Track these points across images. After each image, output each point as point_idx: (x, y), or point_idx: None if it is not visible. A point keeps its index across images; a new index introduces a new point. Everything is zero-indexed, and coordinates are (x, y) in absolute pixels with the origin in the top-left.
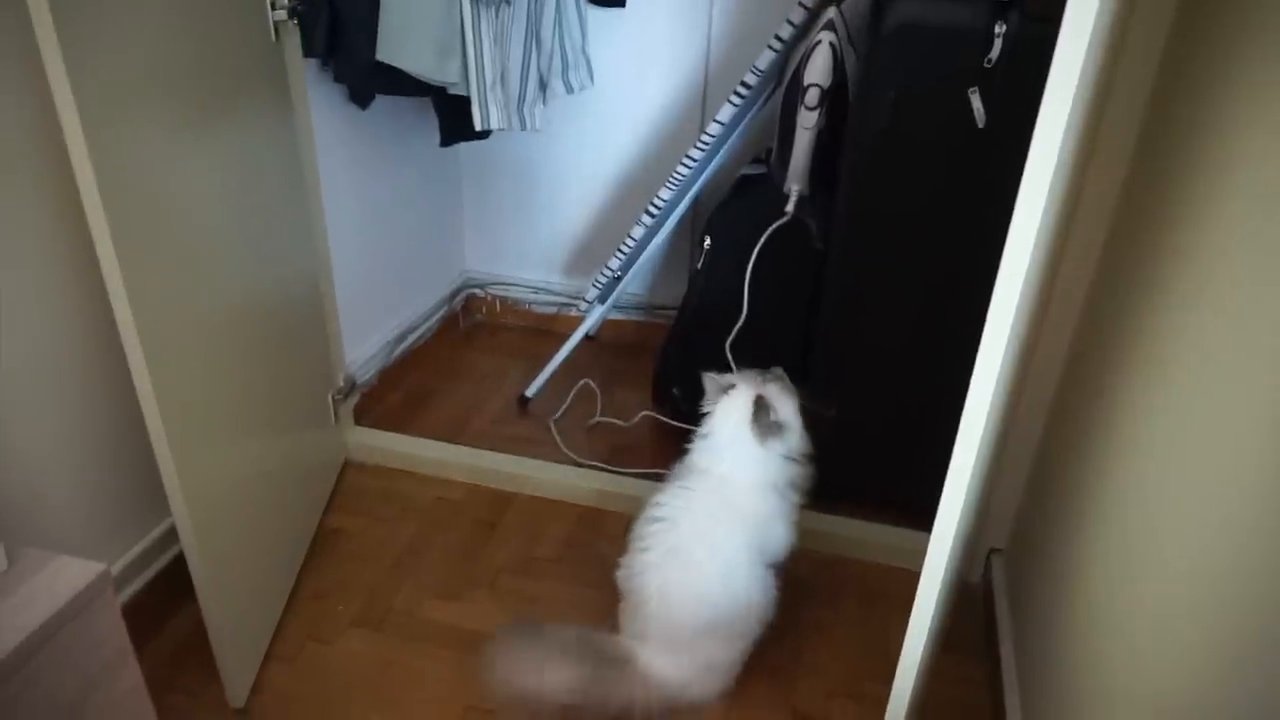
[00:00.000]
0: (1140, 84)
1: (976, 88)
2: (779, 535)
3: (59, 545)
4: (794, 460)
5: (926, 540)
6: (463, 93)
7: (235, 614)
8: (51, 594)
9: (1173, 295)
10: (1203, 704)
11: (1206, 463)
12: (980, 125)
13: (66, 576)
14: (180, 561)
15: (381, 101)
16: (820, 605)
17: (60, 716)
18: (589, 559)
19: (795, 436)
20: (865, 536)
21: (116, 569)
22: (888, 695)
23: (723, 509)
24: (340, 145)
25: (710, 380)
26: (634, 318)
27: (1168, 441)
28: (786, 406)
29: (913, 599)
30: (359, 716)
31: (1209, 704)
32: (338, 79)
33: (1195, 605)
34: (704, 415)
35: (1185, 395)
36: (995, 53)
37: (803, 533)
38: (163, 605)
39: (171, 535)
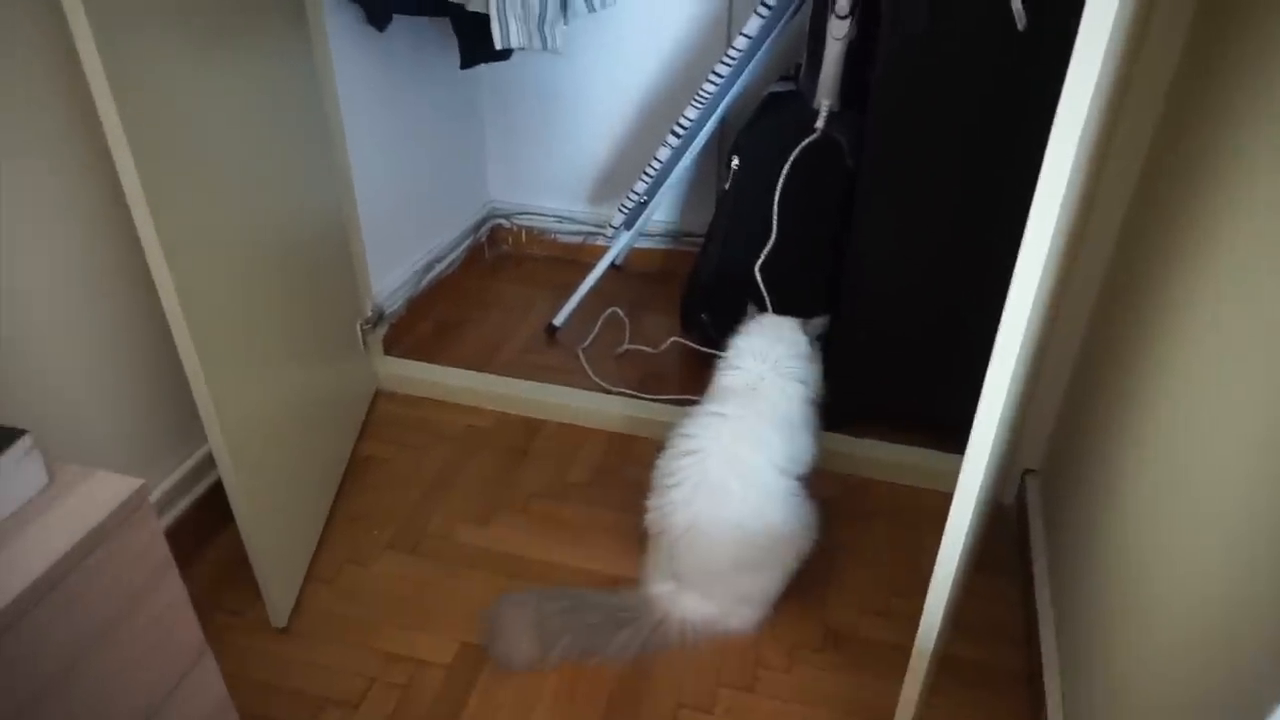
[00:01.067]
0: None
1: None
2: (806, 444)
3: (100, 467)
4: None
5: (958, 462)
6: (481, 10)
7: (274, 538)
8: (91, 508)
9: (1222, 203)
10: (1237, 606)
11: (1243, 379)
12: (1020, 28)
13: (105, 491)
14: (219, 487)
15: (400, 23)
16: (851, 527)
17: (104, 629)
18: (619, 483)
19: (817, 372)
20: (896, 459)
21: (156, 493)
22: (918, 611)
23: (751, 426)
24: (360, 70)
25: (751, 310)
26: (661, 245)
27: (1206, 359)
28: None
29: (944, 520)
30: (398, 634)
31: (1242, 607)
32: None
33: (1227, 515)
34: (738, 334)
35: (1228, 311)
36: None
37: (835, 456)
38: (203, 529)
39: (209, 461)
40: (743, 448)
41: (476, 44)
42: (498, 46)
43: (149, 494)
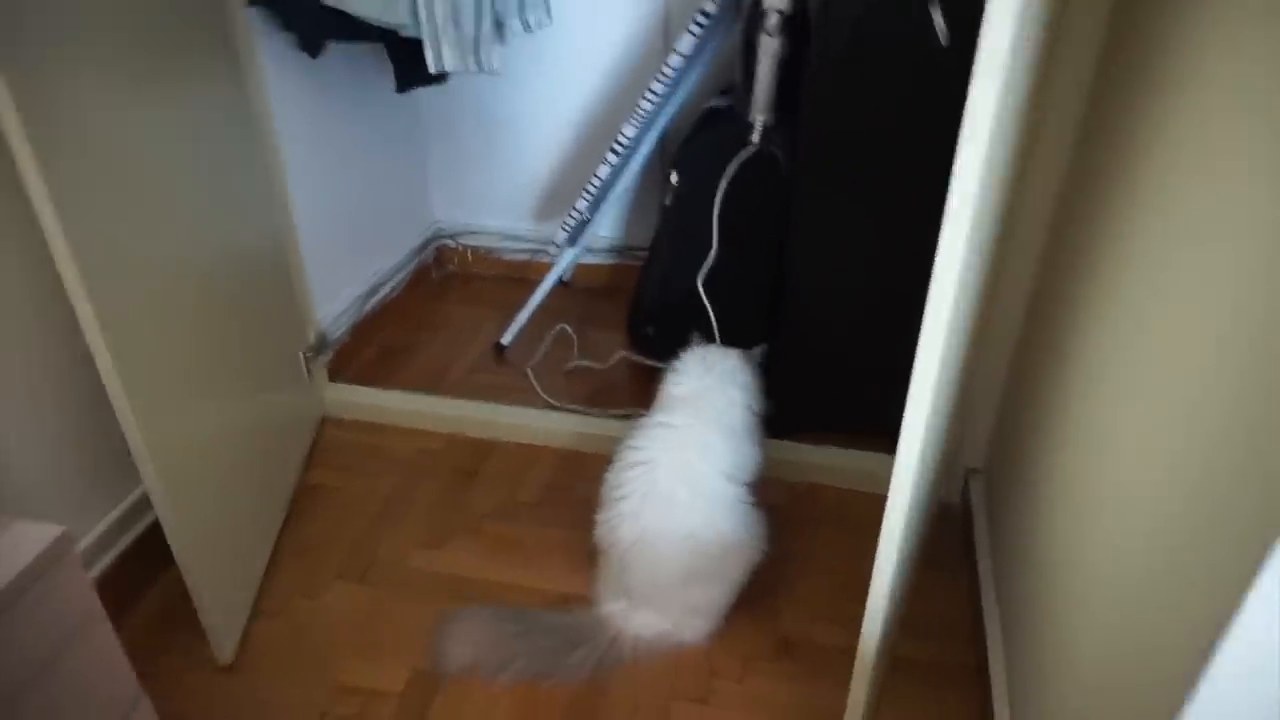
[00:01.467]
0: None
1: (939, 4)
2: (751, 452)
3: (26, 515)
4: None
5: None
6: (414, 34)
7: (216, 574)
8: (10, 559)
9: (1142, 203)
10: (1161, 596)
11: (1167, 378)
12: (943, 43)
13: (24, 541)
14: (154, 529)
15: (336, 51)
16: (799, 533)
17: (31, 680)
18: (571, 501)
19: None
20: (842, 463)
21: (91, 537)
22: None
23: (700, 439)
24: (296, 97)
25: (697, 338)
26: (607, 260)
27: (1133, 359)
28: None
29: None
30: (348, 665)
31: (1166, 596)
32: (286, 27)
33: (1152, 509)
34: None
35: (1155, 309)
36: None
37: (781, 464)
38: (145, 568)
39: (146, 501)
40: (690, 456)
41: (411, 68)
42: (432, 71)
43: (74, 541)
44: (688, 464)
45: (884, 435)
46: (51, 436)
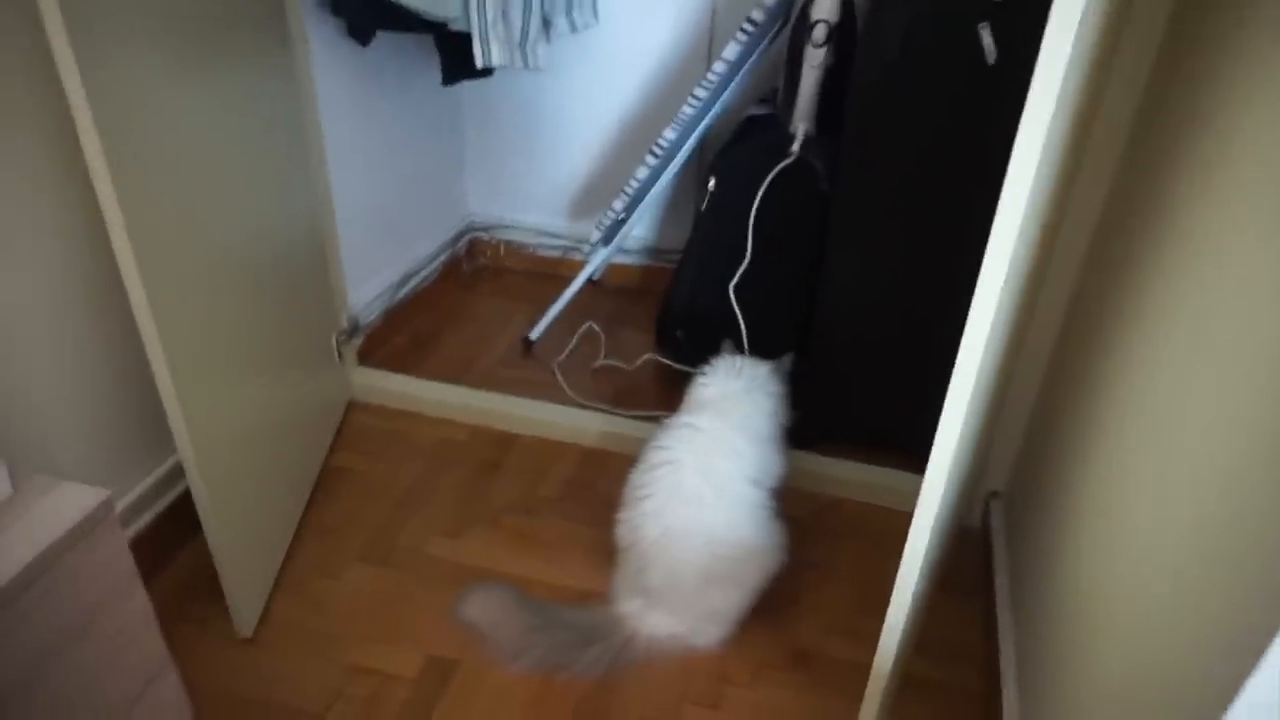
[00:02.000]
0: (1158, 14)
1: (988, 23)
2: (776, 458)
3: (67, 478)
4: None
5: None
6: (463, 29)
7: (241, 547)
8: (55, 519)
9: (1186, 231)
10: (1180, 628)
11: (1198, 409)
12: (990, 62)
13: (70, 502)
14: (188, 496)
15: (382, 39)
16: (820, 546)
17: (67, 639)
18: (592, 499)
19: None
20: (867, 479)
21: (125, 503)
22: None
23: (726, 436)
24: (341, 83)
25: (727, 345)
26: (638, 262)
27: (1163, 388)
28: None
29: None
30: (365, 647)
31: (1185, 629)
32: (336, 12)
33: (1176, 543)
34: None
35: (1185, 343)
36: None
37: (806, 475)
38: (171, 538)
39: (179, 471)
40: (716, 458)
41: (458, 61)
42: (479, 65)
43: (115, 505)
44: (713, 466)
45: (908, 452)
46: (95, 403)
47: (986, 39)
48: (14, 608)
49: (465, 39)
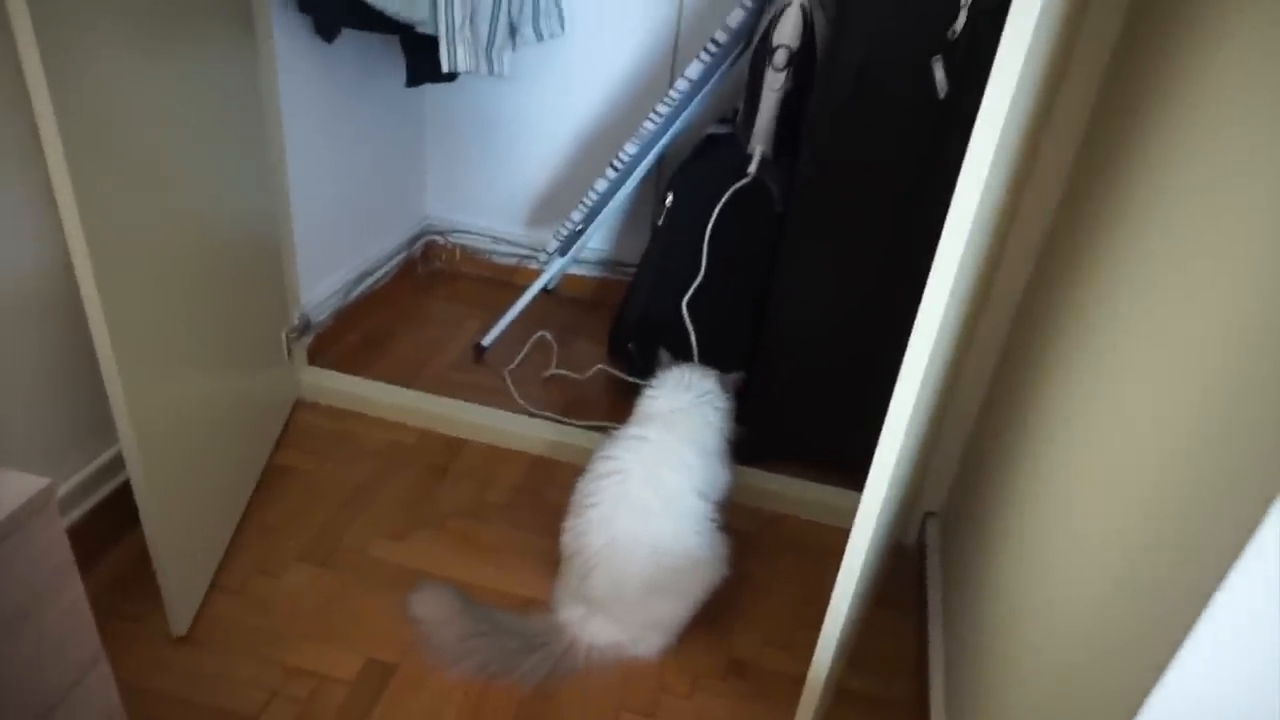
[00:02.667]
0: (1096, 60)
1: (940, 58)
2: (722, 472)
3: (3, 463)
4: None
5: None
6: (430, 32)
7: (180, 543)
8: None
9: (1108, 278)
10: (1094, 643)
11: (1115, 441)
12: (941, 95)
13: (9, 489)
14: (126, 489)
15: (348, 36)
16: (760, 560)
17: (3, 627)
18: (538, 506)
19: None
20: (809, 496)
21: (62, 491)
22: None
23: (674, 448)
24: (304, 78)
25: (665, 358)
26: (594, 273)
27: (1088, 415)
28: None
29: None
30: (302, 647)
31: (1099, 644)
32: (303, 8)
33: (1095, 563)
34: (654, 378)
35: (1106, 381)
36: (959, 24)
37: (749, 490)
38: (107, 531)
39: (118, 462)
40: (664, 470)
41: (423, 64)
42: (445, 69)
43: (54, 493)
44: (661, 478)
45: (848, 470)
46: (34, 386)
47: (939, 73)
48: None
49: (431, 42)
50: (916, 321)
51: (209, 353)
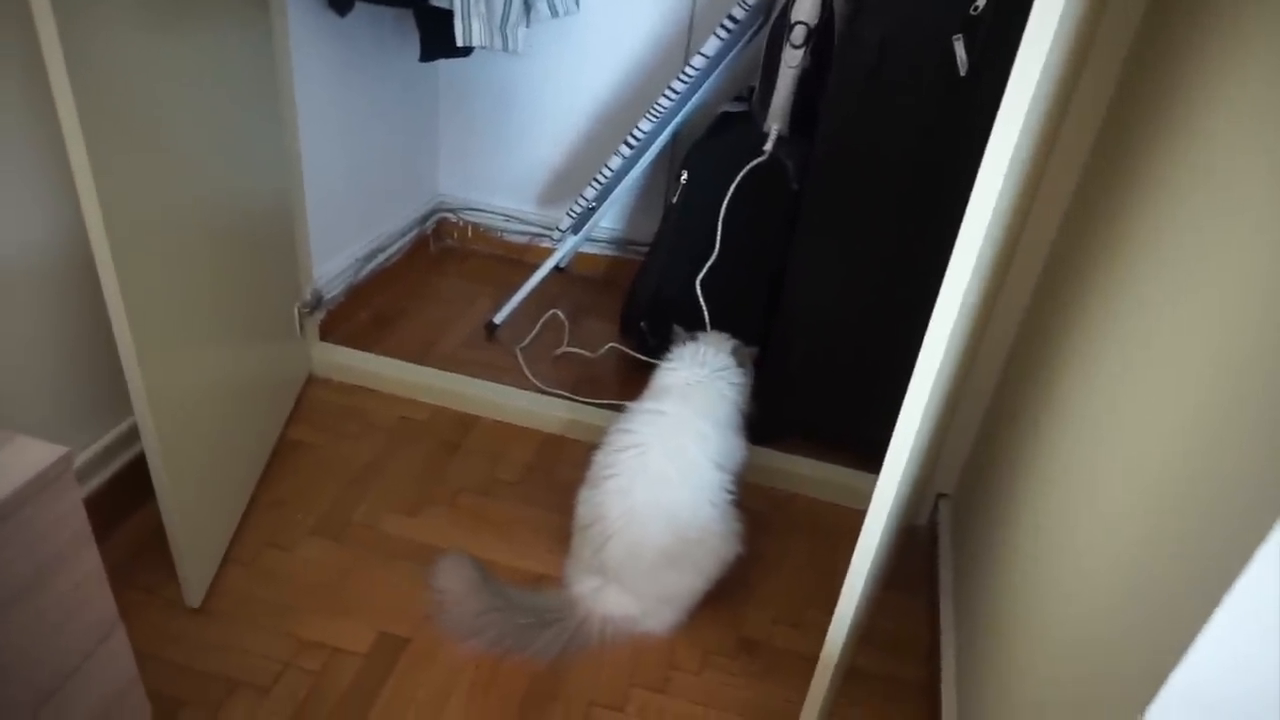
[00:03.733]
0: (1119, 41)
1: (961, 35)
2: (738, 445)
3: (20, 431)
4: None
5: (876, 482)
6: (445, 5)
7: (194, 515)
8: (9, 474)
9: (1130, 256)
10: (1107, 625)
11: (1132, 424)
12: (962, 73)
13: (27, 457)
14: (141, 461)
15: (361, 11)
16: (773, 538)
17: (17, 596)
18: (549, 483)
19: (745, 399)
20: (821, 476)
21: (78, 462)
22: (829, 623)
23: (692, 426)
24: (318, 53)
25: (680, 332)
26: (606, 252)
27: (1101, 402)
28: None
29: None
30: (315, 620)
31: (1112, 626)
32: None
33: (1110, 545)
34: (669, 353)
35: (1122, 358)
36: (981, 1)
37: (763, 470)
38: (122, 502)
39: (133, 434)
40: (682, 440)
41: (437, 39)
42: (459, 44)
43: (71, 462)
44: (680, 448)
45: (861, 451)
46: (53, 358)
47: (959, 50)
48: None
49: (446, 16)
50: (935, 305)
51: (222, 328)
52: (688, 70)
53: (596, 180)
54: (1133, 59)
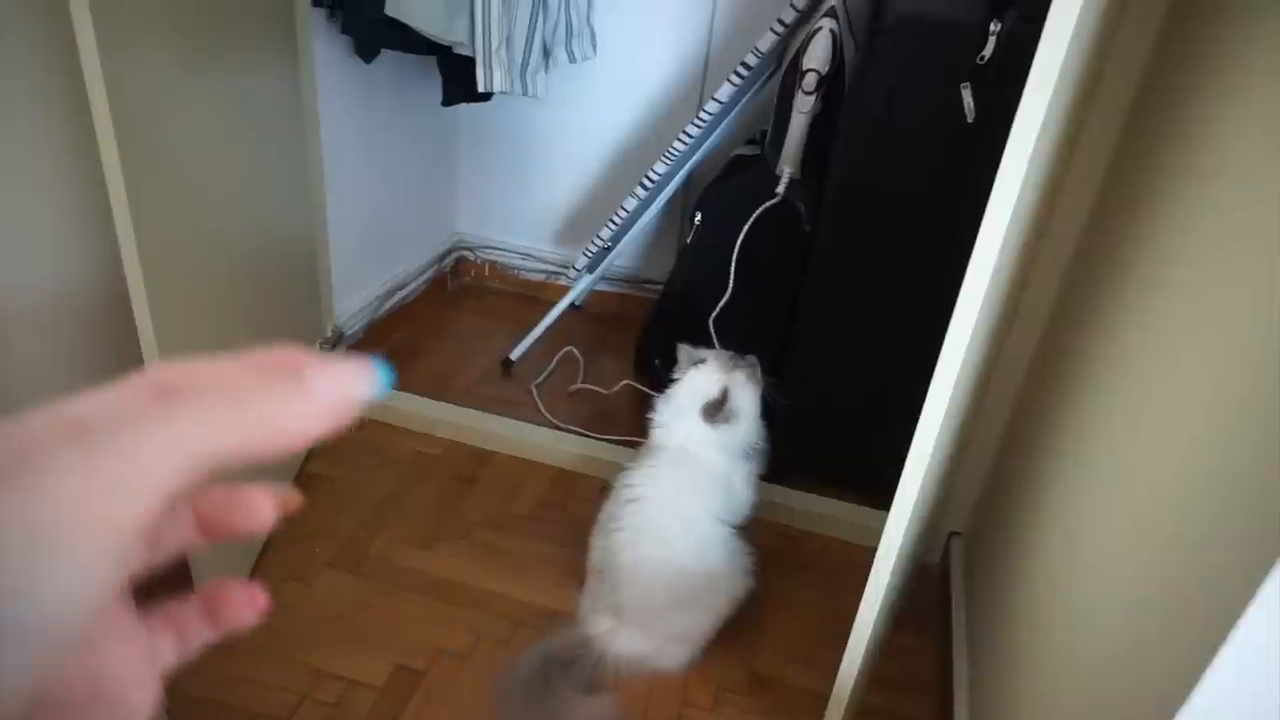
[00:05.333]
0: (1127, 81)
1: (969, 83)
2: (741, 493)
3: None
4: (747, 447)
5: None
6: (468, 53)
7: (215, 547)
8: None
9: (1137, 296)
10: (1125, 663)
11: (1146, 461)
12: (970, 120)
13: None
14: None
15: (386, 57)
16: (785, 576)
17: None
18: (563, 519)
19: (750, 426)
20: (833, 513)
21: None
22: (840, 661)
23: (689, 481)
24: (342, 96)
25: (684, 351)
26: (620, 290)
27: (1116, 438)
28: (747, 398)
29: None
30: (332, 652)
31: (1130, 665)
32: (345, 30)
33: (1125, 586)
34: (672, 382)
35: (1135, 395)
36: (989, 50)
37: (775, 507)
38: None
39: None
40: (682, 499)
41: (459, 84)
42: (481, 89)
43: None
44: (679, 506)
45: (873, 488)
46: (83, 386)
47: (967, 98)
48: None
49: (468, 63)
50: (944, 345)
51: None
52: (702, 115)
53: (612, 220)
54: (1139, 100)
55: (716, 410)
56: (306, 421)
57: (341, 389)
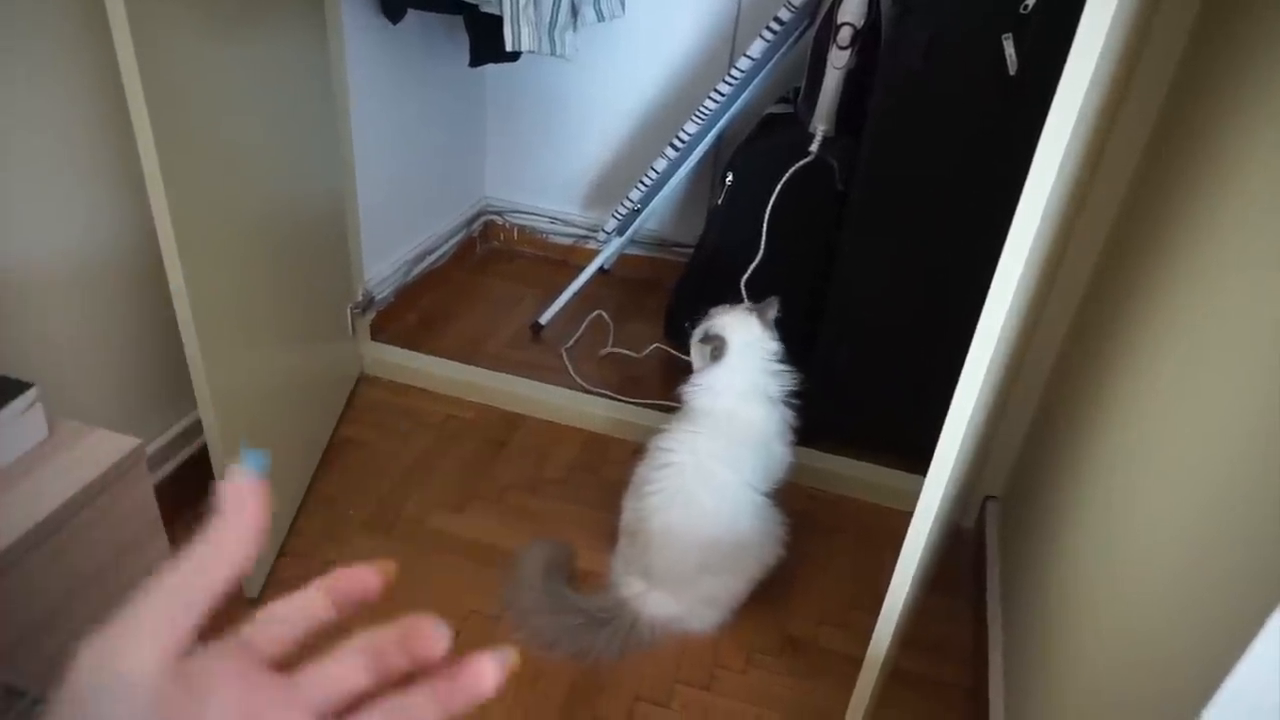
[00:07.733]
0: (1175, 37)
1: (1010, 34)
2: (779, 453)
3: (91, 423)
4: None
5: (922, 485)
6: (495, 11)
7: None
8: (89, 464)
9: (1183, 259)
10: (1162, 628)
11: (1191, 425)
12: (1011, 72)
13: (103, 448)
14: (202, 455)
15: (412, 17)
16: (819, 539)
17: (92, 580)
18: (593, 482)
19: (766, 353)
20: (868, 478)
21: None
22: (874, 625)
23: (725, 447)
24: (369, 60)
25: (706, 319)
26: (649, 253)
27: (1158, 403)
28: (750, 325)
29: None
30: (364, 614)
31: (1168, 629)
32: None
33: (1168, 548)
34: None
35: (1181, 359)
36: (1031, 0)
37: (808, 471)
38: (183, 494)
39: (195, 429)
40: (716, 465)
41: (486, 44)
42: (508, 48)
43: (144, 452)
44: (713, 472)
45: (908, 452)
46: (123, 353)
47: (1009, 50)
48: (43, 548)
49: (495, 22)
50: (984, 306)
51: (279, 326)
52: (733, 72)
53: (641, 182)
54: (1187, 60)
55: (765, 316)
56: (235, 550)
57: (235, 517)
